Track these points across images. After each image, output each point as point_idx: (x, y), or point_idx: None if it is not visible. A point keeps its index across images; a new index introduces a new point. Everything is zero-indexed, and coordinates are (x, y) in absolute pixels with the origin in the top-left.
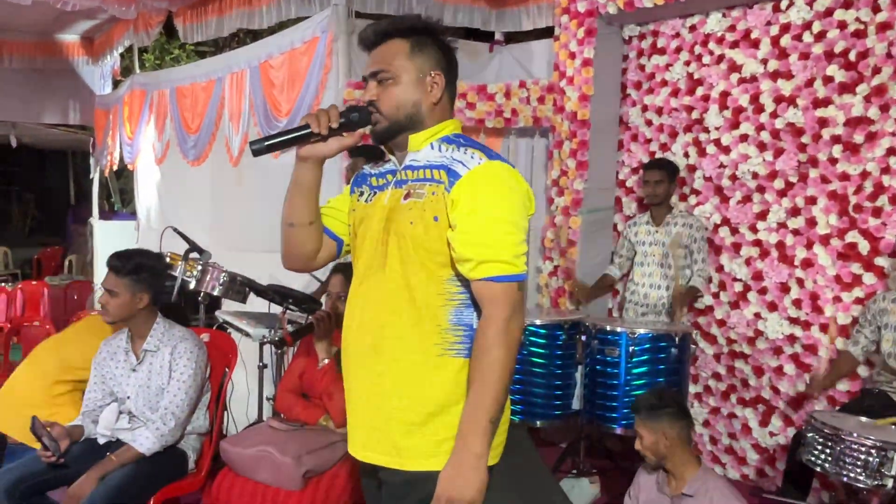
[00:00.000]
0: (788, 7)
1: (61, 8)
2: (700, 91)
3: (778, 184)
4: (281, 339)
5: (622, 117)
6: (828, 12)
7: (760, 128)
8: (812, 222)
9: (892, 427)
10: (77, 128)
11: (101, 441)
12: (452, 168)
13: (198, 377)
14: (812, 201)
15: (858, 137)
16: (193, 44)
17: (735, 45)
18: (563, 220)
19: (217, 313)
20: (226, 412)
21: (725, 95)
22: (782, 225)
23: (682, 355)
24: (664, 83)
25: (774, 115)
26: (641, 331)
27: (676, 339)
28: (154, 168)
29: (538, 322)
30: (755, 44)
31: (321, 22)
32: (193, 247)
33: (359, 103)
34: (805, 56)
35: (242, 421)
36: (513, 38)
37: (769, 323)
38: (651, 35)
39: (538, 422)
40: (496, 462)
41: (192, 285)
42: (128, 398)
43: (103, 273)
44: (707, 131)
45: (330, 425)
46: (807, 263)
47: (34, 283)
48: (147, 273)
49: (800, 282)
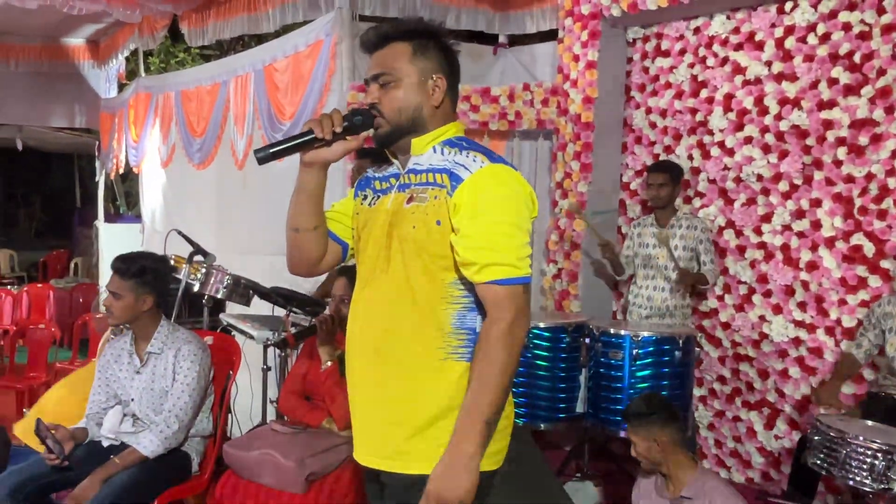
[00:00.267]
0: (793, 9)
1: (67, 12)
2: (704, 93)
3: (782, 186)
4: (283, 341)
5: (626, 120)
6: (832, 14)
7: (765, 130)
8: (817, 225)
9: None
10: (82, 131)
11: (105, 444)
12: (455, 172)
13: (201, 380)
14: (817, 204)
15: (863, 139)
16: (198, 47)
17: (739, 48)
18: (568, 223)
19: (221, 316)
20: (230, 415)
21: (730, 98)
22: (787, 227)
23: (686, 358)
24: (668, 85)
25: (779, 118)
26: (645, 334)
27: (680, 342)
28: (159, 171)
29: (542, 325)
30: (759, 46)
31: (325, 25)
32: (197, 249)
33: (361, 106)
34: (810, 58)
35: (246, 423)
36: (517, 41)
37: (774, 326)
38: (655, 37)
39: (542, 425)
40: (499, 466)
41: (197, 288)
42: (132, 401)
43: (109, 276)
44: (711, 133)
45: (333, 428)
46: (812, 266)
47: (40, 286)
48: (151, 275)
49: (805, 284)
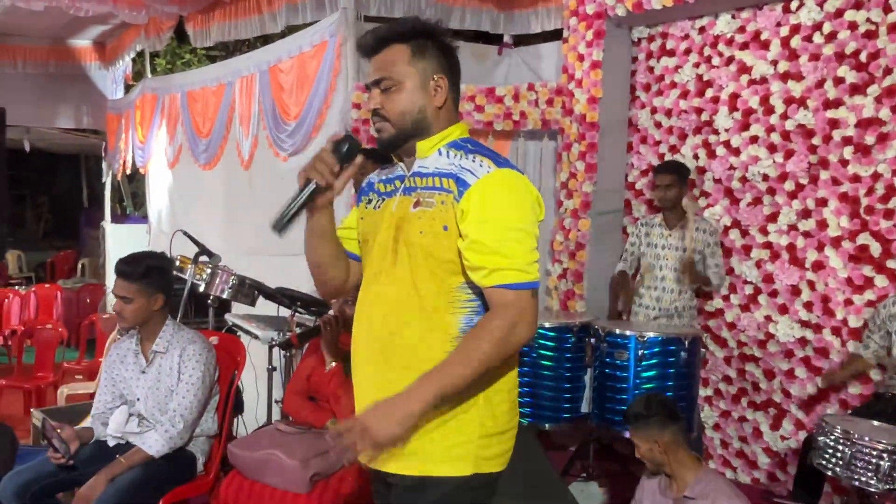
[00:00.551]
0: (799, 8)
1: (73, 14)
2: (709, 93)
3: (788, 186)
4: (287, 342)
5: (631, 119)
6: (838, 13)
7: (770, 129)
8: (823, 224)
9: None
10: (89, 132)
11: (111, 443)
12: (461, 177)
13: (206, 380)
14: (823, 203)
15: (870, 139)
16: (204, 48)
17: (745, 47)
18: (573, 223)
19: (227, 316)
20: (240, 416)
21: (735, 97)
22: (793, 227)
23: (692, 358)
24: (673, 85)
25: (785, 117)
26: (651, 334)
27: (686, 343)
28: (166, 172)
29: (547, 325)
30: (765, 45)
31: (330, 26)
32: (203, 250)
33: (339, 136)
34: (815, 57)
35: (251, 423)
36: (521, 41)
37: (780, 326)
38: (660, 37)
39: (547, 425)
40: (503, 469)
41: (202, 288)
42: (137, 400)
43: (115, 277)
44: (717, 133)
45: None
46: (818, 266)
47: (47, 287)
48: (157, 274)
49: (811, 284)
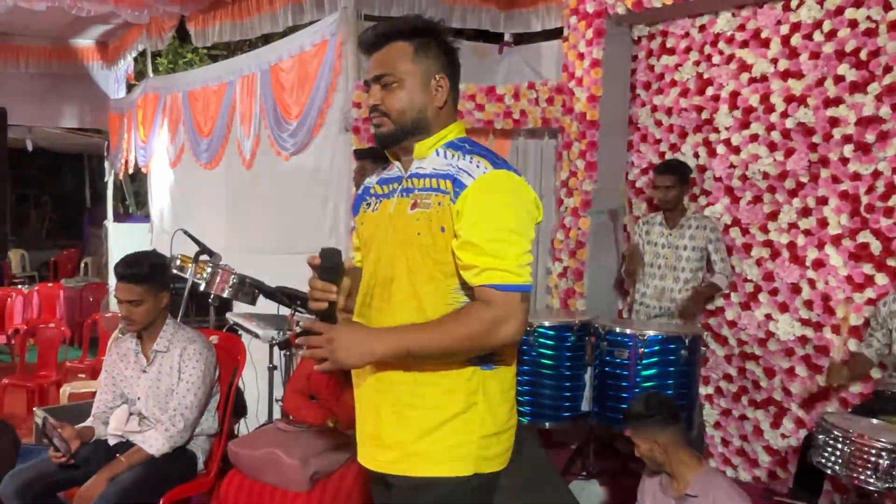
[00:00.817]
0: (799, 6)
1: (75, 13)
2: (710, 91)
3: (789, 184)
4: (285, 341)
5: (631, 118)
6: (838, 11)
7: (771, 128)
8: (823, 223)
9: None
10: (92, 131)
11: (112, 442)
12: (458, 178)
13: (207, 379)
14: (823, 201)
15: (870, 137)
16: (206, 48)
17: (745, 45)
18: (574, 221)
19: (228, 315)
20: (244, 417)
21: (735, 95)
22: (793, 225)
23: (693, 357)
24: (673, 83)
25: (785, 115)
26: (651, 332)
27: (686, 341)
28: (168, 171)
29: (547, 323)
30: (765, 43)
31: (330, 25)
32: (203, 249)
33: (316, 260)
34: (816, 55)
35: (253, 422)
36: (522, 40)
37: (780, 324)
38: (660, 35)
39: (547, 423)
40: (503, 467)
41: (203, 287)
42: (138, 399)
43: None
44: (717, 131)
45: (337, 426)
46: (818, 264)
47: (50, 286)
48: (160, 272)
49: (811, 283)
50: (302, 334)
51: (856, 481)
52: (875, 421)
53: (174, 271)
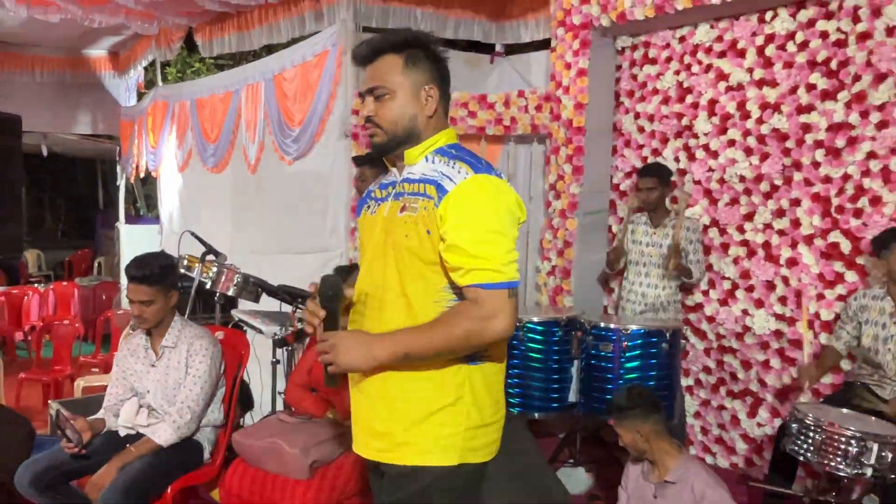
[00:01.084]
0: (773, 18)
1: (87, 25)
2: (689, 99)
3: (764, 187)
4: (282, 339)
5: (616, 124)
6: (810, 23)
7: (747, 133)
8: (796, 223)
9: (872, 418)
10: (104, 137)
11: (122, 433)
12: (441, 183)
13: (213, 373)
14: (796, 203)
15: (840, 142)
16: (213, 57)
17: (722, 55)
18: (561, 222)
19: (233, 312)
20: (252, 409)
21: (713, 103)
22: (768, 226)
23: (673, 350)
24: (655, 91)
25: (760, 122)
26: (634, 327)
27: (667, 335)
28: (176, 175)
29: (536, 319)
30: (741, 53)
31: (331, 36)
32: (209, 249)
33: (316, 289)
34: (789, 65)
35: (257, 414)
36: (512, 50)
37: (756, 319)
38: (643, 46)
39: (536, 414)
40: (490, 458)
41: (209, 286)
42: (147, 392)
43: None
44: (696, 137)
45: (336, 418)
46: (792, 262)
47: (65, 284)
48: (170, 272)
49: (785, 280)
50: (300, 333)
51: (827, 467)
52: (845, 410)
53: (182, 271)
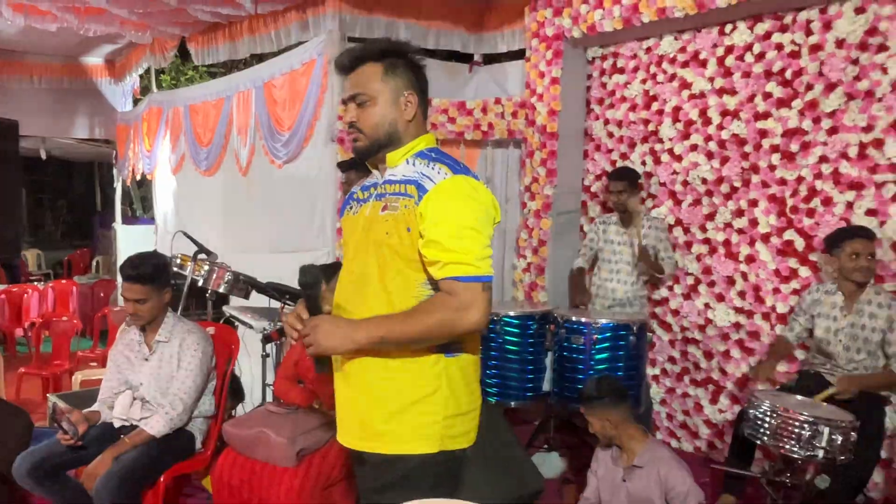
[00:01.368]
0: (732, 31)
1: (83, 33)
2: (655, 106)
3: (724, 188)
4: (267, 336)
5: (587, 130)
6: (767, 35)
7: (708, 138)
8: (754, 222)
9: (824, 404)
10: (101, 141)
11: (117, 425)
12: (421, 183)
13: (204, 366)
14: (754, 204)
15: (794, 147)
16: (205, 65)
17: (686, 65)
18: (536, 222)
19: (225, 308)
20: (241, 403)
21: (677, 110)
22: (728, 225)
23: (640, 342)
24: (623, 99)
25: (720, 127)
26: (603, 321)
27: (635, 328)
28: (170, 177)
29: (512, 313)
30: (703, 63)
31: (317, 46)
32: (201, 249)
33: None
34: (747, 74)
35: (248, 405)
36: (490, 60)
37: (717, 312)
38: (612, 56)
39: (513, 402)
40: (469, 445)
41: (201, 283)
42: (141, 385)
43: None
44: (661, 142)
45: (322, 408)
46: (750, 259)
47: (64, 282)
48: (163, 271)
49: (744, 275)
50: (283, 330)
51: (782, 450)
52: (799, 397)
53: (175, 269)
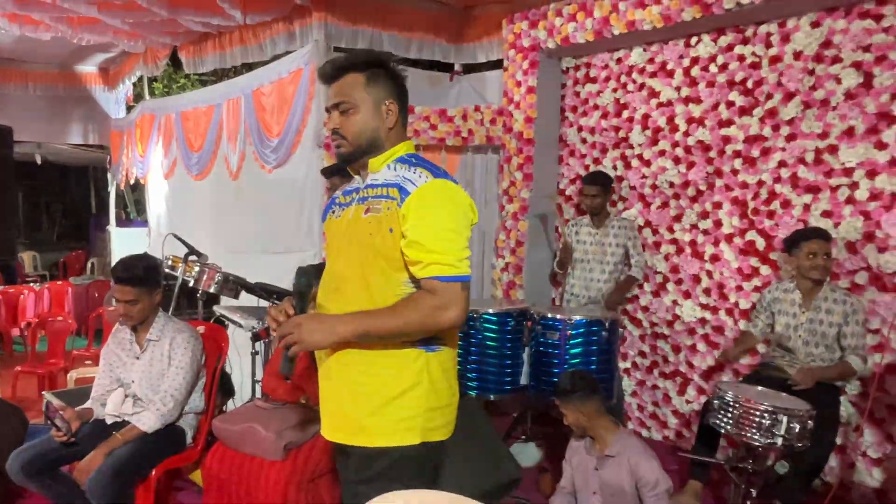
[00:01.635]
0: (697, 43)
1: (77, 42)
2: (625, 114)
3: (690, 192)
4: (256, 334)
5: (561, 136)
6: (729, 47)
7: (675, 144)
8: (718, 224)
9: (783, 394)
10: (96, 147)
11: (109, 421)
12: (403, 186)
13: (193, 364)
14: (718, 206)
15: (755, 152)
16: (197, 74)
17: (654, 75)
18: (514, 224)
19: (215, 307)
20: (231, 399)
21: (646, 117)
22: (694, 226)
23: (612, 337)
24: (596, 107)
25: (687, 134)
26: (577, 317)
27: (607, 324)
28: (162, 182)
29: (491, 311)
30: (670, 74)
31: (304, 55)
32: (192, 251)
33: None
34: (711, 84)
35: (238, 401)
36: (470, 69)
37: (684, 308)
38: (585, 66)
39: (492, 395)
40: (448, 437)
41: (191, 284)
42: (132, 382)
43: None
44: (632, 147)
45: (308, 403)
46: (714, 258)
47: (59, 283)
48: (153, 273)
49: (709, 274)
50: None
51: (744, 438)
52: (760, 388)
53: (166, 270)
